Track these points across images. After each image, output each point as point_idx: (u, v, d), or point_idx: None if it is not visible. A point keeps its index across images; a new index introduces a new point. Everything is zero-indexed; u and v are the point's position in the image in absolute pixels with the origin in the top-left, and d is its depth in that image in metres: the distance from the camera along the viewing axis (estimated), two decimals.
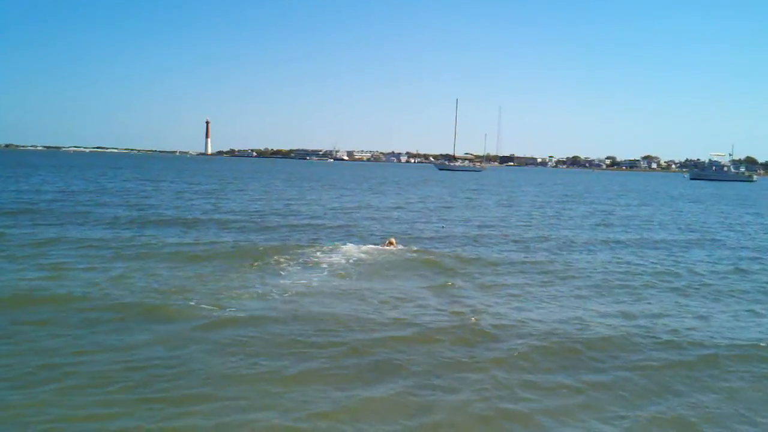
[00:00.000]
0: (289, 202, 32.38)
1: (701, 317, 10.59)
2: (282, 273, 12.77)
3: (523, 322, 9.72)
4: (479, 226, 23.60)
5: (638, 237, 21.77)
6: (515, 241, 19.38)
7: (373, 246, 16.45)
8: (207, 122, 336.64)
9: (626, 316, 10.43)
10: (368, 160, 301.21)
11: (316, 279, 12.23)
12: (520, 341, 8.70)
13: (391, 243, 16.94)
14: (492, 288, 12.26)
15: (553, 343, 8.66)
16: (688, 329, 9.69)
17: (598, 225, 26.05)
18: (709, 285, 13.38)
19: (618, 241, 20.24)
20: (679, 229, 25.52)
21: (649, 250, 18.57)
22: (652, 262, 16.07)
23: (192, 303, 9.94)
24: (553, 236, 20.96)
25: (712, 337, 9.31)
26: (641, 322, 10.05)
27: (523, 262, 15.25)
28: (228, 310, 9.65)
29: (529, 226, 24.62)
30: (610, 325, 9.77)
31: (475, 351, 8.28)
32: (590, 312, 10.60)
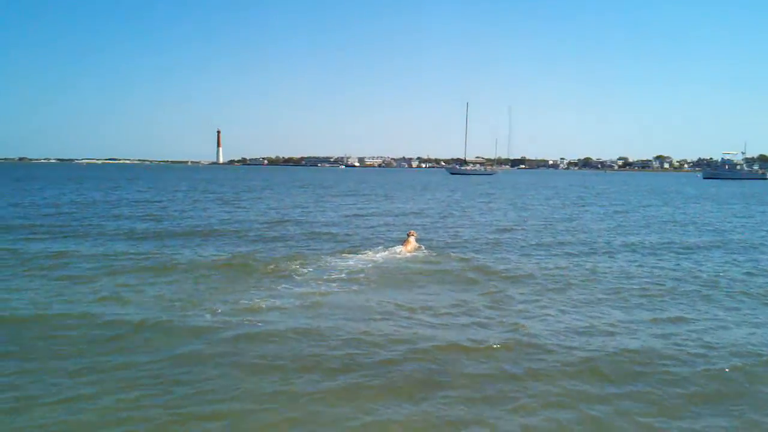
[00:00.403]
0: (305, 210, 32.24)
1: (754, 324, 10.11)
2: (302, 282, 12.51)
3: (562, 330, 9.37)
4: (498, 231, 23.26)
5: (673, 240, 21.07)
6: (541, 245, 18.97)
7: (393, 251, 16.23)
8: (218, 132, 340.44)
9: (673, 321, 10.03)
10: (379, 166, 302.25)
11: (338, 288, 11.97)
12: (560, 350, 8.36)
13: (410, 235, 16.73)
14: (522, 294, 11.86)
15: (595, 352, 8.31)
16: (734, 336, 9.31)
17: (621, 227, 25.62)
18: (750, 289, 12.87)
19: (650, 245, 19.65)
20: (709, 231, 24.85)
21: (689, 253, 17.89)
22: (693, 266, 15.44)
23: (216, 317, 9.70)
24: (579, 240, 20.58)
25: (753, 344, 8.93)
26: (687, 327, 9.69)
27: (554, 267, 14.81)
28: (252, 323, 9.38)
29: (553, 229, 24.23)
30: (653, 333, 9.38)
31: (517, 361, 7.96)
32: (634, 318, 10.19)
